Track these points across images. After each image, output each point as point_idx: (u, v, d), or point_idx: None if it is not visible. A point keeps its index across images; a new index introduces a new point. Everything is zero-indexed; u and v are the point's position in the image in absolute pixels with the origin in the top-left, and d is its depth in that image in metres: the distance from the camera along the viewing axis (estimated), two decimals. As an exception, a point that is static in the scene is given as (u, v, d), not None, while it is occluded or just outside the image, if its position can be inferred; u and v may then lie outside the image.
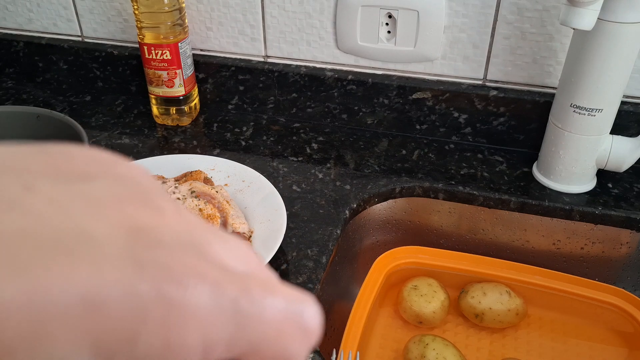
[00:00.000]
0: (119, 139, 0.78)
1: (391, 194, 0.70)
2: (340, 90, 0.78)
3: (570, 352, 0.63)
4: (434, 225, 0.72)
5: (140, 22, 0.73)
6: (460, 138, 0.77)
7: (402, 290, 0.65)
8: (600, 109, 0.62)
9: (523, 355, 0.63)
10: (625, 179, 0.70)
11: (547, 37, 0.69)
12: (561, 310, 0.66)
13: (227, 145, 0.77)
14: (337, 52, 0.77)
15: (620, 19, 0.56)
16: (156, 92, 0.78)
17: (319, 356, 0.50)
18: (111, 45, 0.86)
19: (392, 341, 0.64)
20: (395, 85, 0.76)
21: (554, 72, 0.71)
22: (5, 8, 0.88)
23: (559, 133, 0.65)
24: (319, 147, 0.77)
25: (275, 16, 0.77)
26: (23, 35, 0.89)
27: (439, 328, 0.65)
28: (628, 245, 0.67)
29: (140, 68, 0.85)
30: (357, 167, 0.73)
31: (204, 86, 0.84)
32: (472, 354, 0.63)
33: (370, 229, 0.71)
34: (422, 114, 0.77)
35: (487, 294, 0.64)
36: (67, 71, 0.89)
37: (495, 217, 0.69)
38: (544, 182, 0.69)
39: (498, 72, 0.73)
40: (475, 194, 0.68)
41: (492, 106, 0.74)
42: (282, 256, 0.59)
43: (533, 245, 0.70)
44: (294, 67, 0.79)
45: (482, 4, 0.69)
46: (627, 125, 0.70)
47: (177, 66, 0.76)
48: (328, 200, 0.67)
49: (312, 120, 0.82)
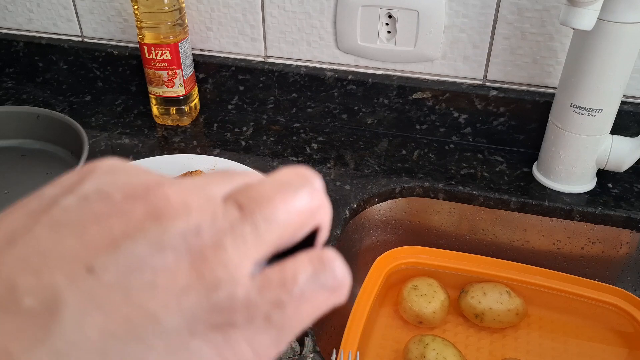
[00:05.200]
0: (119, 139, 0.78)
1: (391, 194, 0.70)
2: (340, 90, 0.78)
3: (570, 352, 0.63)
4: (434, 225, 0.72)
5: (140, 22, 0.73)
6: (460, 138, 0.77)
7: (402, 290, 0.65)
8: (600, 109, 0.62)
9: (523, 355, 0.63)
10: (625, 179, 0.70)
11: (547, 37, 0.69)
12: (561, 310, 0.66)
13: (227, 146, 0.77)
14: (337, 52, 0.77)
15: (620, 19, 0.56)
16: (156, 92, 0.78)
17: (319, 356, 0.50)
18: (111, 45, 0.86)
19: (392, 341, 0.64)
20: (395, 85, 0.76)
21: (554, 72, 0.71)
22: (5, 8, 0.88)
23: (559, 133, 0.65)
24: (319, 147, 0.77)
25: (275, 16, 0.77)
26: (23, 35, 0.89)
27: (439, 328, 0.65)
28: (628, 245, 0.67)
29: (140, 68, 0.85)
30: (357, 167, 0.73)
31: (204, 86, 0.84)
32: (472, 354, 0.63)
33: (370, 229, 0.71)
34: (422, 114, 0.77)
35: (487, 294, 0.64)
36: (67, 71, 0.89)
37: (495, 217, 0.69)
38: (544, 182, 0.69)
39: (498, 72, 0.73)
40: (475, 194, 0.68)
41: (492, 106, 0.74)
42: (282, 256, 0.59)
43: (533, 245, 0.70)
44: (294, 67, 0.79)
45: (482, 4, 0.69)
46: (627, 125, 0.70)
47: (177, 66, 0.76)
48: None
49: (312, 120, 0.82)
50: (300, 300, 0.16)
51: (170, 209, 0.15)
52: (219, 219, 0.16)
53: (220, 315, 0.15)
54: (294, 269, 0.16)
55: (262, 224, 0.16)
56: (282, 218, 0.17)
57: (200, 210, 0.16)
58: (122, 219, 0.15)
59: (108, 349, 0.14)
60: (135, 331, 0.14)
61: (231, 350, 0.15)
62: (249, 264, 0.16)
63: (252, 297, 0.15)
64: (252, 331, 0.15)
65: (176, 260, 0.15)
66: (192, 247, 0.15)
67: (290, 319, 0.16)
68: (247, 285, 0.15)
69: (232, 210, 0.16)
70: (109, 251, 0.14)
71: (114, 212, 0.15)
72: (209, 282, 0.15)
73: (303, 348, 0.50)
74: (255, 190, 0.17)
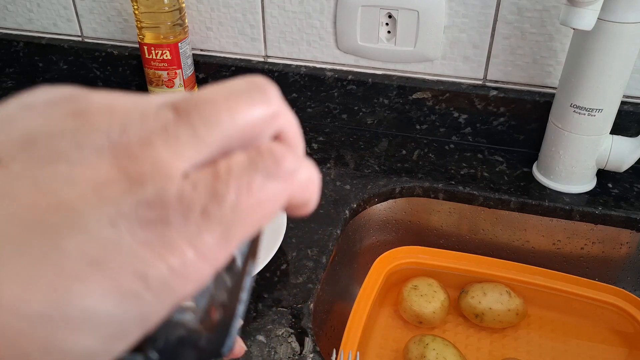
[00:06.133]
0: (119, 139, 0.78)
1: (391, 194, 0.70)
2: (340, 90, 0.78)
3: (570, 352, 0.63)
4: (434, 225, 0.72)
5: (140, 22, 0.73)
6: (460, 138, 0.77)
7: (402, 290, 0.65)
8: (600, 109, 0.62)
9: (523, 355, 0.63)
10: (625, 179, 0.70)
11: (547, 37, 0.69)
12: (561, 310, 0.66)
13: (227, 145, 0.77)
14: (337, 52, 0.77)
15: (620, 19, 0.56)
16: (156, 92, 0.78)
17: (319, 356, 0.50)
18: (111, 45, 0.86)
19: (392, 341, 0.64)
20: (395, 85, 0.76)
21: (554, 72, 0.71)
22: (5, 8, 0.88)
23: (559, 133, 0.65)
24: (319, 147, 0.77)
25: (275, 16, 0.77)
26: (23, 35, 0.89)
27: (439, 328, 0.65)
28: (628, 245, 0.67)
29: (140, 68, 0.85)
30: (357, 167, 0.73)
31: (204, 86, 0.84)
32: (472, 354, 0.63)
33: (370, 229, 0.71)
34: (422, 114, 0.77)
35: (487, 294, 0.64)
36: (67, 71, 0.89)
37: (495, 217, 0.69)
38: (544, 182, 0.69)
39: (498, 72, 0.73)
40: (475, 194, 0.68)
41: (492, 106, 0.74)
42: (282, 256, 0.59)
43: (533, 245, 0.70)
44: (294, 67, 0.79)
45: (482, 4, 0.69)
46: (627, 125, 0.70)
47: (177, 66, 0.76)
48: (328, 200, 0.67)
49: (312, 120, 0.82)
50: (239, 191, 0.15)
51: (93, 110, 0.15)
52: (148, 120, 0.15)
53: (149, 211, 0.14)
54: (227, 160, 0.15)
55: (199, 125, 0.15)
56: (226, 121, 0.15)
57: (127, 111, 0.15)
58: (40, 118, 0.14)
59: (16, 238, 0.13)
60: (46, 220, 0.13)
61: (169, 250, 0.14)
62: (182, 162, 0.14)
63: (184, 191, 0.14)
64: (192, 230, 0.14)
65: (96, 155, 0.14)
66: (116, 144, 0.14)
67: (232, 213, 0.15)
68: (178, 180, 0.14)
69: (166, 112, 0.15)
70: (23, 148, 0.14)
71: (33, 116, 0.15)
72: (133, 176, 0.14)
73: (303, 348, 0.50)
74: (196, 95, 0.16)
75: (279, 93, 0.17)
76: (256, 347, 0.50)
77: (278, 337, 0.51)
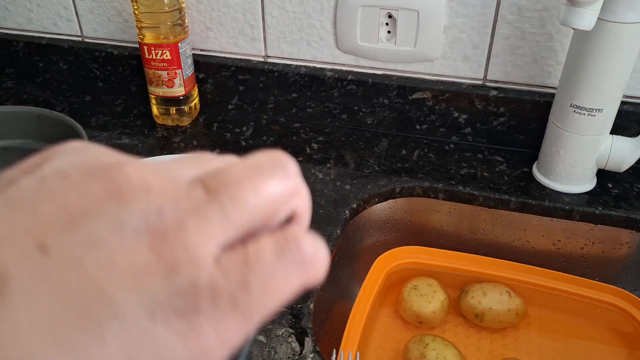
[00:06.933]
0: (119, 139, 0.78)
1: (391, 194, 0.70)
2: (340, 90, 0.78)
3: (570, 352, 0.63)
4: (434, 225, 0.72)
5: (140, 22, 0.73)
6: (460, 138, 0.77)
7: (402, 290, 0.65)
8: (600, 109, 0.62)
9: (523, 355, 0.63)
10: (625, 179, 0.70)
11: (547, 37, 0.69)
12: (561, 310, 0.66)
13: (227, 146, 0.77)
14: (337, 52, 0.77)
15: (620, 19, 0.56)
16: (156, 92, 0.78)
17: (319, 356, 0.50)
18: (111, 45, 0.86)
19: (392, 341, 0.64)
20: (395, 85, 0.76)
21: (554, 72, 0.71)
22: (5, 8, 0.88)
23: (559, 133, 0.65)
24: (319, 147, 0.77)
25: (275, 16, 0.77)
26: (23, 35, 0.89)
27: (439, 328, 0.65)
28: (628, 245, 0.67)
29: (140, 68, 0.85)
30: (357, 167, 0.73)
31: (204, 86, 0.84)
32: (472, 354, 0.63)
33: (370, 229, 0.71)
34: (422, 114, 0.77)
35: (487, 294, 0.64)
36: (67, 71, 0.89)
37: (495, 217, 0.69)
38: (544, 182, 0.69)
39: (498, 72, 0.73)
40: (475, 194, 0.68)
41: (492, 106, 0.74)
42: (282, 256, 0.59)
43: (533, 245, 0.70)
44: (294, 67, 0.79)
45: (482, 4, 0.69)
46: (627, 125, 0.70)
47: (177, 66, 0.76)
48: (328, 200, 0.67)
49: (312, 120, 0.82)
50: (266, 280, 0.15)
51: (131, 189, 0.15)
52: (182, 200, 0.15)
53: (183, 299, 0.14)
54: (256, 247, 0.16)
55: (228, 205, 0.15)
56: (251, 201, 0.16)
57: (163, 191, 0.15)
58: (80, 197, 0.14)
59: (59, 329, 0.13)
60: (89, 310, 0.13)
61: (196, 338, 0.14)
62: (213, 245, 0.15)
63: (216, 279, 0.15)
64: (218, 316, 0.14)
65: (135, 240, 0.14)
66: (153, 227, 0.14)
67: (258, 301, 0.15)
68: (210, 267, 0.15)
69: (198, 192, 0.15)
70: (64, 229, 0.14)
71: (72, 191, 0.15)
72: (168, 263, 0.14)
73: (303, 348, 0.50)
74: (224, 172, 0.16)
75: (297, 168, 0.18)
76: (256, 347, 0.50)
77: (278, 337, 0.51)
